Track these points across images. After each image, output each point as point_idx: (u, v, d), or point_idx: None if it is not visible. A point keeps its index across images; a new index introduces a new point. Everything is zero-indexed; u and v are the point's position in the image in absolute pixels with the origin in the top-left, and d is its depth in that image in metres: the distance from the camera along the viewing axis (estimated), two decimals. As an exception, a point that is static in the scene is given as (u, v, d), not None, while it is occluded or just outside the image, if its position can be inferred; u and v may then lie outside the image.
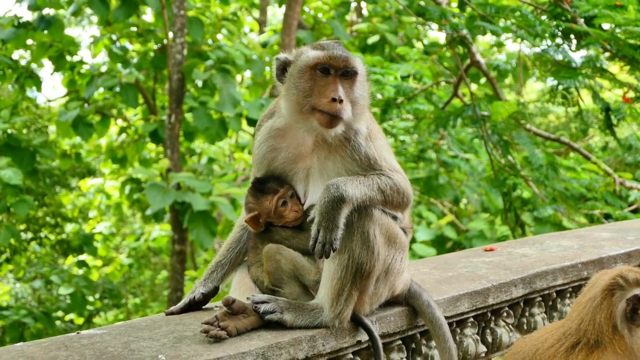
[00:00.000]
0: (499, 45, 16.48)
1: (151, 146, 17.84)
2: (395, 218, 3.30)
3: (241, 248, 3.53)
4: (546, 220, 9.28)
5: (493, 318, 4.04)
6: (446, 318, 3.55)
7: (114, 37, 15.58)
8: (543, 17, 7.93)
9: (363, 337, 3.27)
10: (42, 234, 17.96)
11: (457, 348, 3.76)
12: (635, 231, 5.39)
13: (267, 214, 3.33)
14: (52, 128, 16.66)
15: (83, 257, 18.54)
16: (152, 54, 15.70)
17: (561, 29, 7.65)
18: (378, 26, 15.16)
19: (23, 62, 15.41)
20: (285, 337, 3.01)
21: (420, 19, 9.22)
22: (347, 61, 3.16)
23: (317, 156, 3.29)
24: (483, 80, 15.07)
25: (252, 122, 13.77)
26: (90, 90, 14.02)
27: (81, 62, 14.99)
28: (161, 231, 18.65)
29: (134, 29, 15.61)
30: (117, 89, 13.94)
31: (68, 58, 14.73)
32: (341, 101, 3.12)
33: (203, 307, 3.48)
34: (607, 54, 7.74)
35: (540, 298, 4.28)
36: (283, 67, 3.28)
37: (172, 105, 13.82)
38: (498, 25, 7.93)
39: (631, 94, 7.91)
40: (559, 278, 4.30)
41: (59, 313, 17.26)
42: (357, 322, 3.25)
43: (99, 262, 20.37)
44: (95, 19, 19.92)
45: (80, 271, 17.63)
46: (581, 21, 7.60)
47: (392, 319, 3.42)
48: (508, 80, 17.15)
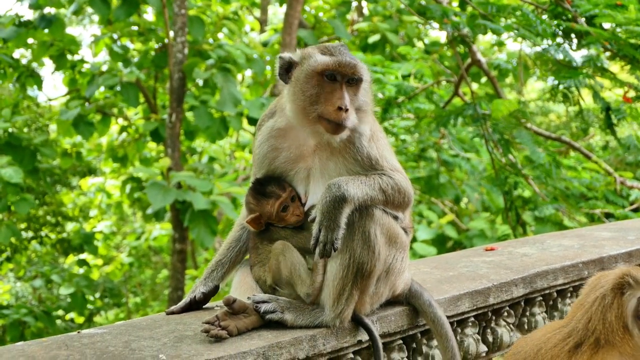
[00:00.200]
0: (500, 44, 16.47)
1: (152, 145, 17.84)
2: (396, 218, 3.30)
3: (241, 247, 3.53)
4: (547, 219, 9.28)
5: (494, 318, 4.04)
6: (447, 317, 3.54)
7: (115, 36, 15.58)
8: (544, 17, 7.93)
9: (364, 337, 3.27)
10: (43, 233, 17.94)
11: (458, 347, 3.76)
12: (636, 230, 5.38)
13: (268, 217, 3.33)
14: (53, 127, 16.65)
15: (83, 256, 18.53)
16: (153, 53, 15.69)
17: (562, 28, 7.65)
18: (379, 25, 15.15)
19: (24, 61, 15.41)
20: (286, 337, 3.01)
21: (421, 18, 9.22)
22: (355, 69, 3.16)
23: (319, 156, 3.29)
24: (484, 79, 15.07)
25: (253, 121, 13.75)
26: (91, 89, 14.04)
27: (82, 61, 15.01)
28: (162, 230, 18.65)
29: (135, 28, 15.62)
30: (118, 88, 13.97)
31: (69, 57, 14.74)
32: (347, 110, 3.12)
33: (204, 307, 3.48)
34: (608, 54, 7.74)
35: (541, 298, 4.28)
36: (287, 67, 3.27)
37: (173, 104, 13.82)
38: (499, 24, 7.92)
39: (632, 94, 7.91)
40: (560, 278, 4.30)
41: (60, 312, 17.24)
42: (358, 322, 3.25)
43: (100, 261, 20.36)
44: (96, 18, 19.98)
45: (80, 270, 17.64)
46: (582, 20, 7.60)
47: (393, 319, 3.42)
48: (509, 79, 17.16)
